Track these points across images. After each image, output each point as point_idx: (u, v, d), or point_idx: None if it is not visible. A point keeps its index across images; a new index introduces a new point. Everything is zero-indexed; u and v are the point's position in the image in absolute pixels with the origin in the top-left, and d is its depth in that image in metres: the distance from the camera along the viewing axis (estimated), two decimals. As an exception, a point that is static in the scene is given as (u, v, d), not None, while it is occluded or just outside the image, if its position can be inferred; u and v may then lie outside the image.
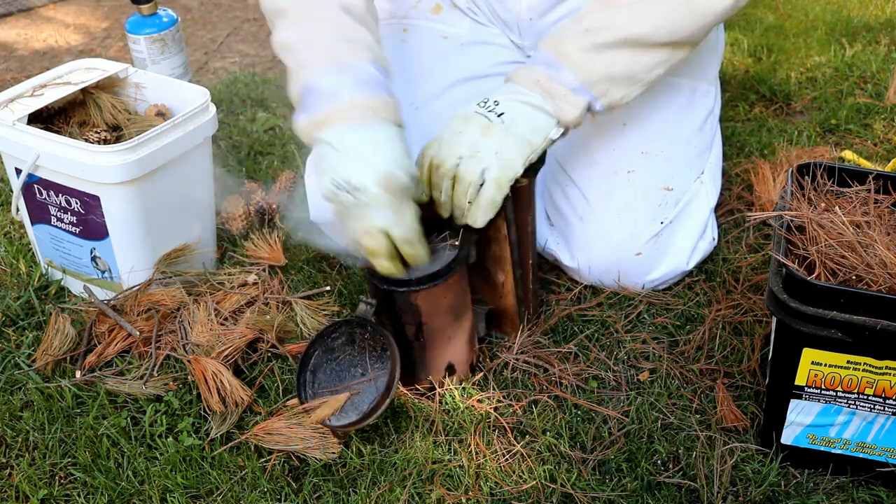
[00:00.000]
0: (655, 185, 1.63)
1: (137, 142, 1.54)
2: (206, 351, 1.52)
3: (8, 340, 1.63)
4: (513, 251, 1.49)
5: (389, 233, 1.33)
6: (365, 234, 1.33)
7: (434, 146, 1.42)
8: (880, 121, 2.15)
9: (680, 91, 1.67)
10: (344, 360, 1.43)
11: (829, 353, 1.23)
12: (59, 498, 1.36)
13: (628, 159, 1.64)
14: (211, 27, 2.96)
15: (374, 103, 1.34)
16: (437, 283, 1.39)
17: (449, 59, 1.72)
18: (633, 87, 1.45)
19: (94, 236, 1.64)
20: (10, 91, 1.68)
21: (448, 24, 1.73)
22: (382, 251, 1.34)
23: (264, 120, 2.28)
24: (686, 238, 1.65)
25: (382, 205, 1.30)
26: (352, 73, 1.36)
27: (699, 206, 1.67)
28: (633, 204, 1.62)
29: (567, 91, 1.41)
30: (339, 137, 1.31)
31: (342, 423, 1.37)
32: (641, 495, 1.31)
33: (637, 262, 1.62)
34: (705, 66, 1.72)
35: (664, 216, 1.63)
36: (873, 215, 1.33)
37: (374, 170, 1.30)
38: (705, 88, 1.71)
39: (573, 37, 1.42)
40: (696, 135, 1.69)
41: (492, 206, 1.39)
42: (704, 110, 1.71)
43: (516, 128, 1.40)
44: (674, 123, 1.67)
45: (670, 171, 1.65)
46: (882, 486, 1.33)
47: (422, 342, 1.43)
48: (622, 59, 1.41)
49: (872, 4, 2.75)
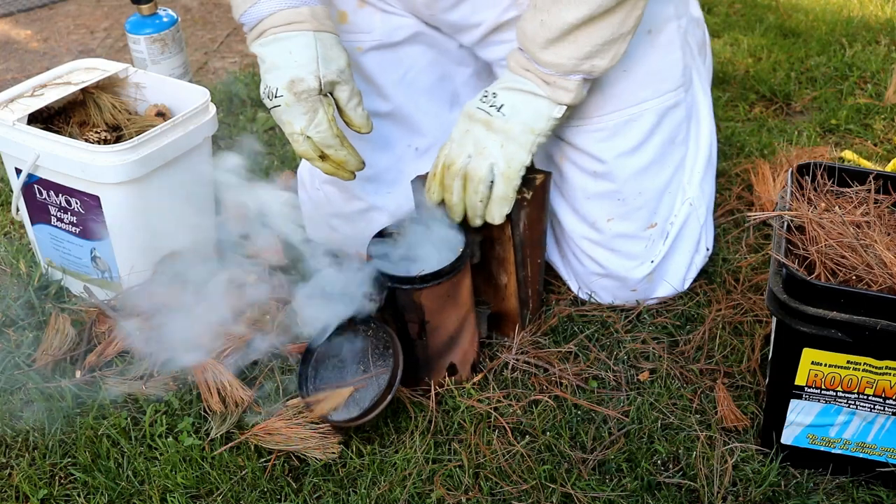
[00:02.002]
0: (638, 228, 1.59)
1: (137, 142, 1.54)
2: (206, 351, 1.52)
3: (8, 340, 1.63)
4: (516, 252, 1.49)
5: (308, 136, 1.44)
6: (291, 139, 1.46)
7: (447, 146, 1.46)
8: (880, 121, 2.15)
9: (640, 122, 1.55)
10: (347, 357, 1.44)
11: (829, 353, 1.23)
12: (59, 498, 1.36)
13: (605, 209, 1.58)
14: (211, 27, 2.96)
15: (290, 17, 1.44)
16: (441, 281, 1.39)
17: (414, 84, 1.67)
18: (616, 46, 1.39)
19: (94, 236, 1.63)
20: (10, 91, 1.68)
21: (359, 31, 1.63)
22: (310, 153, 1.47)
23: (264, 120, 2.28)
24: (680, 263, 1.64)
25: (294, 108, 1.43)
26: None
27: (689, 230, 1.63)
28: (619, 251, 1.60)
29: (556, 78, 1.40)
30: (260, 49, 1.47)
31: (343, 419, 1.37)
32: (641, 495, 1.31)
33: (633, 295, 1.63)
34: (664, 75, 1.56)
35: (653, 255, 1.61)
36: (873, 215, 1.33)
37: (285, 75, 1.43)
38: (671, 100, 1.57)
39: (533, 32, 1.39)
40: (668, 157, 1.59)
41: (505, 201, 1.43)
42: (674, 125, 1.58)
43: (517, 117, 1.41)
44: (642, 161, 1.57)
45: (650, 208, 1.59)
46: (882, 486, 1.33)
47: (424, 341, 1.43)
48: (586, 38, 1.36)
49: (872, 4, 2.75)
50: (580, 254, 1.62)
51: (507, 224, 1.46)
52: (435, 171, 1.46)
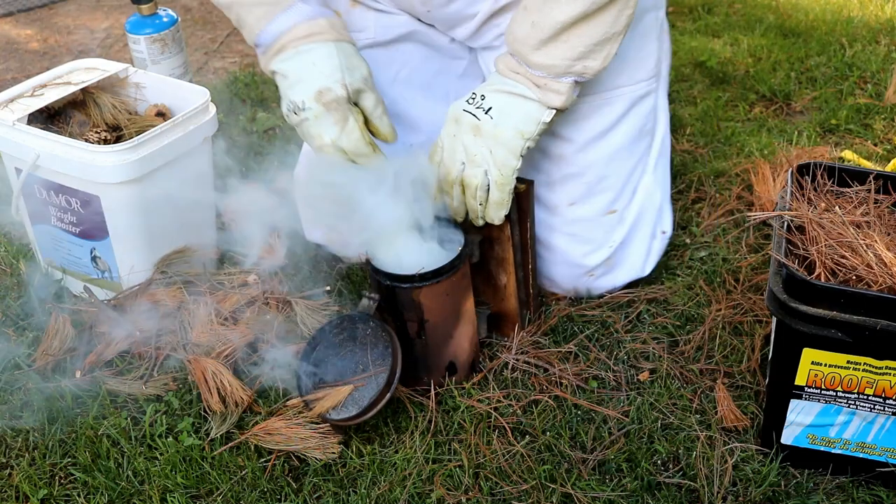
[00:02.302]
0: (598, 213, 1.61)
1: (137, 142, 1.54)
2: (206, 351, 1.52)
3: (8, 340, 1.63)
4: (515, 253, 1.49)
5: (340, 146, 1.41)
6: (320, 151, 1.43)
7: (439, 152, 1.46)
8: (880, 121, 2.15)
9: (612, 107, 1.57)
10: (346, 356, 1.44)
11: (829, 353, 1.23)
12: (59, 498, 1.36)
13: (568, 192, 1.60)
14: (211, 27, 2.96)
15: (307, 29, 1.43)
16: (440, 280, 1.39)
17: (409, 82, 1.68)
18: (608, 47, 1.37)
19: (94, 236, 1.64)
20: (10, 91, 1.68)
21: (352, 30, 1.61)
22: (343, 161, 1.43)
23: (264, 120, 2.28)
24: (639, 248, 1.65)
25: (324, 119, 1.40)
26: (284, 16, 1.44)
27: (647, 216, 1.65)
28: (578, 235, 1.61)
29: (547, 80, 1.39)
30: (281, 65, 1.44)
31: (342, 417, 1.37)
32: (641, 495, 1.31)
33: (593, 280, 1.64)
34: (640, 64, 1.58)
35: (612, 241, 1.62)
36: (873, 215, 1.33)
37: (311, 87, 1.40)
38: (643, 89, 1.59)
39: (524, 35, 1.38)
40: (635, 145, 1.62)
41: (501, 205, 1.43)
42: (643, 113, 1.61)
43: (506, 120, 1.40)
44: (610, 147, 1.59)
45: (611, 194, 1.61)
46: (882, 486, 1.33)
47: (423, 340, 1.43)
48: (578, 38, 1.35)
49: (872, 4, 2.75)
50: (538, 245, 1.63)
51: (507, 224, 1.46)
52: (435, 177, 1.46)
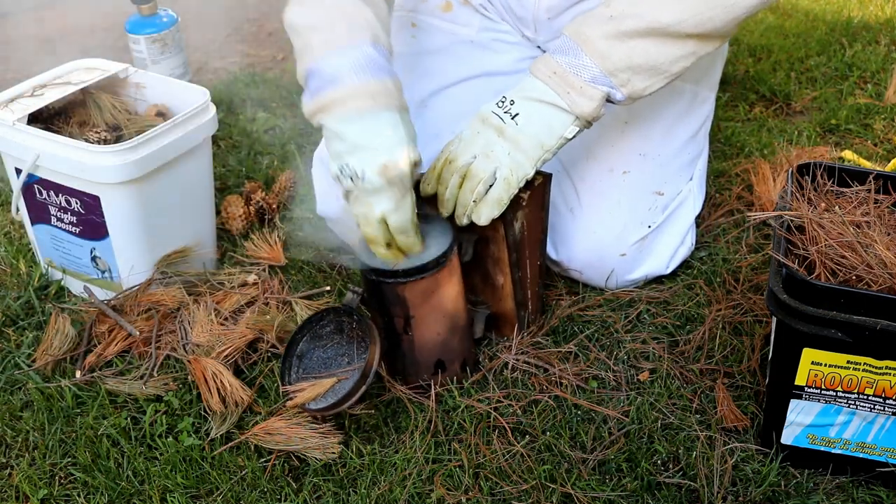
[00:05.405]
0: (648, 189, 1.64)
1: (137, 142, 1.54)
2: (206, 351, 1.52)
3: (8, 340, 1.63)
4: (511, 253, 1.49)
5: (387, 220, 1.35)
6: (364, 220, 1.36)
7: (455, 142, 1.44)
8: (880, 121, 2.15)
9: (682, 95, 1.67)
10: (331, 348, 1.44)
11: (829, 353, 1.23)
12: (59, 498, 1.36)
13: (625, 159, 1.64)
14: (211, 27, 2.96)
15: (374, 89, 1.33)
16: (425, 275, 1.39)
17: (459, 56, 1.72)
18: (656, 79, 1.40)
19: (94, 236, 1.64)
20: (10, 91, 1.68)
21: (458, 24, 1.72)
22: (379, 239, 1.37)
23: (264, 120, 2.28)
24: (669, 243, 1.67)
25: (383, 193, 1.33)
26: (351, 56, 1.34)
27: (685, 213, 1.69)
28: (624, 205, 1.63)
29: (583, 83, 1.38)
30: (340, 125, 1.33)
31: (320, 407, 1.37)
32: (641, 495, 1.31)
33: (619, 263, 1.64)
34: (710, 72, 1.71)
35: (652, 220, 1.64)
36: (873, 215, 1.33)
37: (375, 159, 1.31)
38: (706, 95, 1.72)
39: (597, 23, 1.38)
40: (692, 142, 1.70)
41: (498, 204, 1.41)
42: (702, 117, 1.71)
43: (529, 129, 1.40)
44: (673, 128, 1.67)
45: (664, 175, 1.66)
46: (882, 486, 1.33)
47: (410, 336, 1.43)
48: (645, 48, 1.37)
49: (872, 4, 2.74)
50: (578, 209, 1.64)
51: (501, 224, 1.45)
52: (436, 164, 1.44)
